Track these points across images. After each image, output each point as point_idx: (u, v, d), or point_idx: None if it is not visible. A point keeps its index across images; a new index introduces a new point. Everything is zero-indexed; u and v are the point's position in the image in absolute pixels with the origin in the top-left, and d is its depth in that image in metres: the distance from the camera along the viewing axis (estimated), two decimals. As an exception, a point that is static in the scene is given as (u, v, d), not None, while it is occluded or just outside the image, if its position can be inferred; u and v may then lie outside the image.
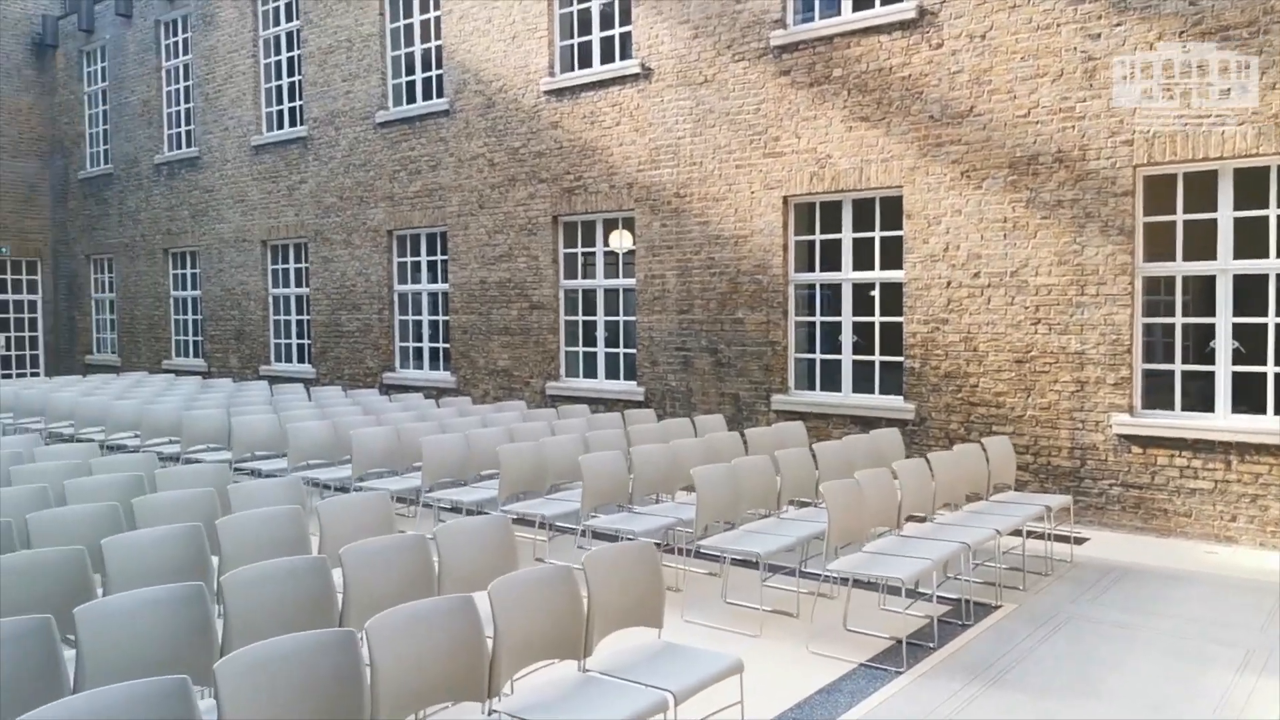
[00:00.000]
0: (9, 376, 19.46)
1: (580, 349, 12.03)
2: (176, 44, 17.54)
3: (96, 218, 19.26)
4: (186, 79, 17.35)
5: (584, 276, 11.98)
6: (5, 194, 19.62)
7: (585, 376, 11.97)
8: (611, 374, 11.73)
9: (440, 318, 13.56)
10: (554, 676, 3.75)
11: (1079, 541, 7.47)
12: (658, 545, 7.19)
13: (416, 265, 13.88)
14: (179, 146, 17.55)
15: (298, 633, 3.05)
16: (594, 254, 11.82)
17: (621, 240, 11.55)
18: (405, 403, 11.26)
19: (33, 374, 19.96)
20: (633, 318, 11.33)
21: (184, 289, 17.71)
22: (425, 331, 13.80)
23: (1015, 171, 8.43)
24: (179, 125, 17.62)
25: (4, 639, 2.99)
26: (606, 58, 11.46)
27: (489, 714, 3.36)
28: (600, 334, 11.81)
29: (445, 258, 13.27)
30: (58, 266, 20.32)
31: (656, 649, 3.98)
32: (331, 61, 14.43)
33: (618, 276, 11.66)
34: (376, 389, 13.43)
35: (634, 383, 11.30)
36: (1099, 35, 7.96)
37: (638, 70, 10.90)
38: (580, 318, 12.00)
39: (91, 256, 19.59)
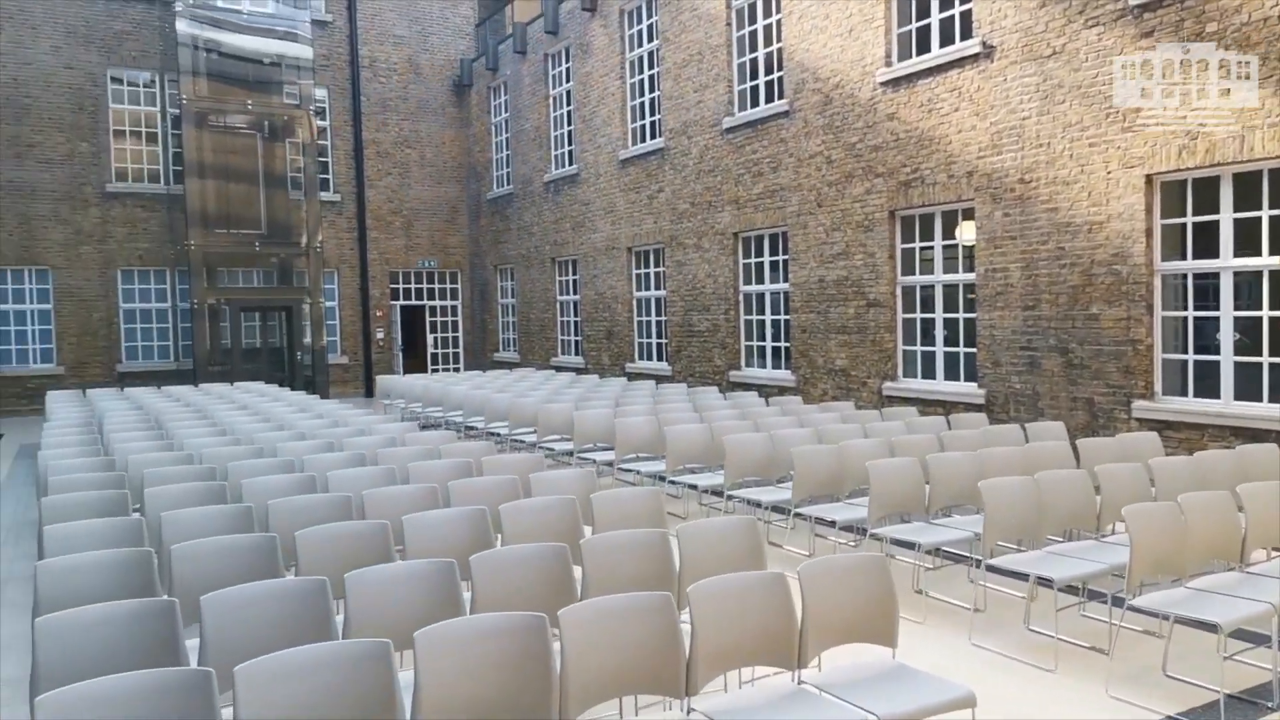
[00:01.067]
0: (436, 370, 22.98)
1: (918, 348, 11.53)
2: (560, 74, 19.51)
3: (500, 232, 22.03)
4: (568, 104, 19.23)
5: (921, 272, 11.45)
6: (432, 215, 23.16)
7: (923, 377, 11.44)
8: (951, 375, 11.09)
9: (781, 317, 13.71)
10: (765, 684, 3.72)
11: None
12: (950, 559, 6.81)
13: (760, 266, 14.16)
14: (563, 165, 19.50)
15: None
16: (932, 248, 11.26)
17: (962, 232, 10.87)
18: (781, 406, 10.91)
19: (454, 369, 23.37)
20: (973, 315, 10.63)
21: (567, 294, 19.66)
22: (768, 331, 14.04)
23: None
24: (563, 146, 19.58)
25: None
26: (945, 40, 10.86)
27: (687, 712, 3.44)
28: (939, 332, 11.23)
29: (786, 257, 13.39)
30: (473, 276, 23.54)
31: (883, 669, 3.78)
32: (685, 75, 15.19)
33: (957, 271, 10.99)
34: (717, 387, 13.91)
35: (974, 384, 10.60)
36: None
37: (978, 49, 10.20)
38: (918, 315, 11.50)
39: (497, 266, 22.45)
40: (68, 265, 19.31)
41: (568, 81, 19.13)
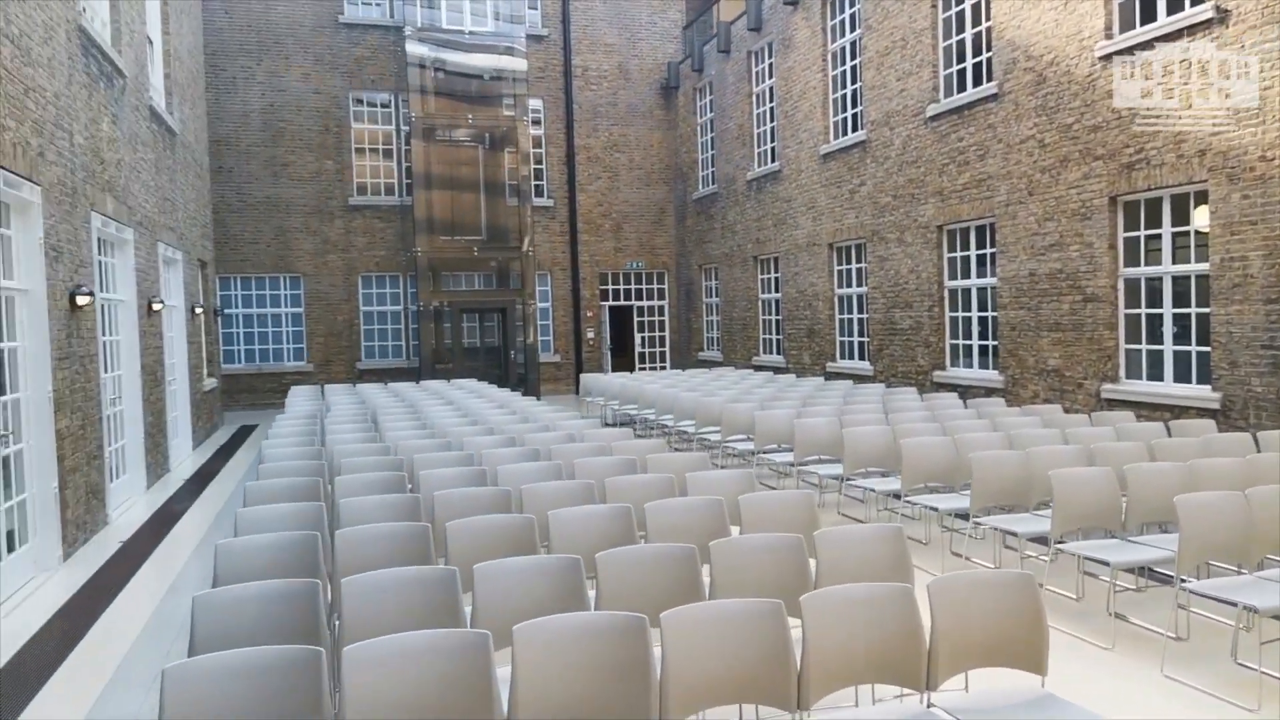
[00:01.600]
0: (644, 369, 23.45)
1: (1143, 347, 10.48)
2: (762, 70, 19.35)
3: (705, 232, 22.15)
4: (770, 101, 19.04)
5: (1147, 263, 10.39)
6: (640, 217, 23.66)
7: (1149, 379, 10.39)
8: (1181, 376, 10.00)
9: (989, 314, 12.90)
10: (889, 706, 3.51)
11: None
12: (1157, 580, 6.09)
13: (965, 260, 13.38)
14: (765, 163, 19.33)
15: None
16: (1159, 236, 10.19)
17: (1194, 218, 9.77)
18: (978, 408, 10.24)
19: (660, 368, 23.76)
20: (1207, 309, 9.52)
21: (768, 292, 19.48)
22: (974, 329, 13.25)
23: None
24: (765, 144, 19.41)
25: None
26: (1173, 7, 9.80)
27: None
28: (1167, 329, 10.15)
29: (993, 250, 12.58)
30: (679, 276, 23.83)
31: (1027, 697, 3.47)
32: (887, 63, 14.62)
33: (1189, 261, 9.88)
34: (917, 388, 13.29)
35: (1207, 387, 9.49)
36: None
37: (1211, 14, 9.12)
38: (1143, 310, 10.45)
39: (702, 266, 22.60)
40: (316, 272, 21.33)
41: (770, 78, 18.94)
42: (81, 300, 8.62)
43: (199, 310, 15.93)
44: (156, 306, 12.18)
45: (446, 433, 8.58)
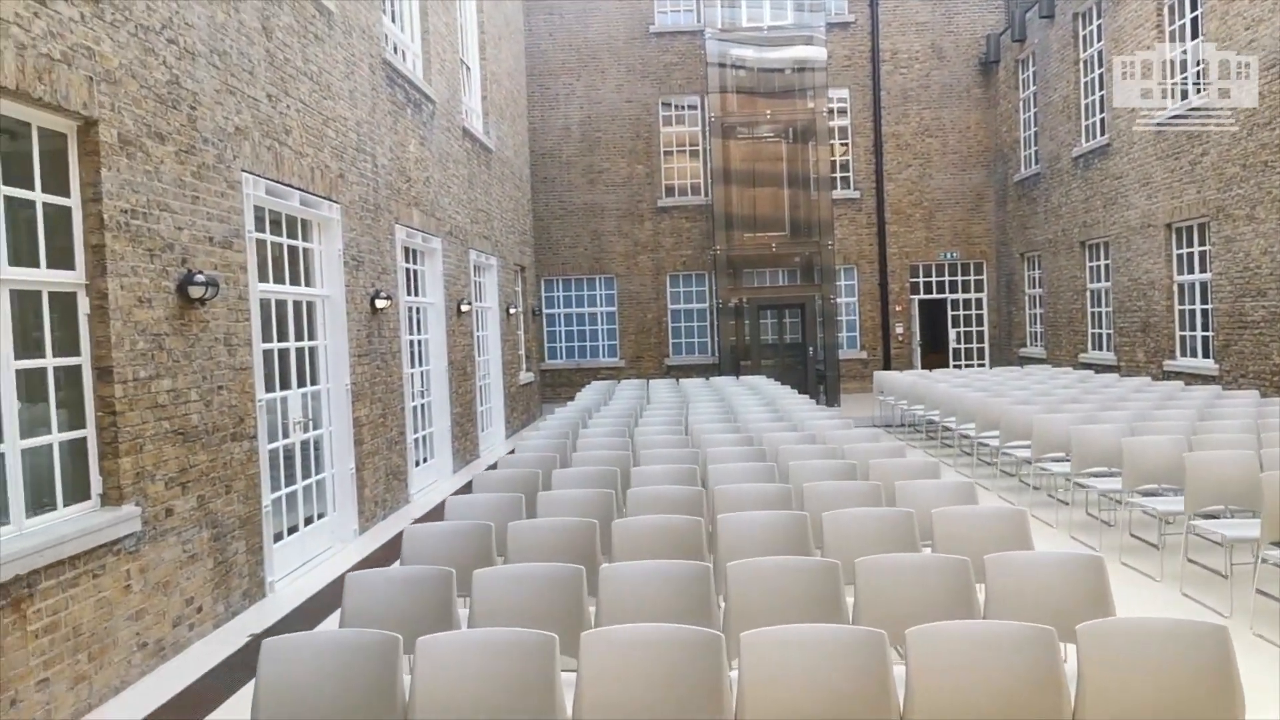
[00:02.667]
0: (959, 366, 21.98)
1: None
2: (1090, 33, 17.30)
3: (1027, 217, 20.27)
4: (1099, 67, 16.97)
5: None
6: (954, 204, 22.17)
7: None
8: None
9: (1368, 302, 10.51)
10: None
11: None
12: None
13: (1336, 237, 11.01)
14: (1093, 136, 17.27)
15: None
16: None
17: None
18: None
19: (979, 364, 22.13)
20: None
21: (1097, 281, 17.39)
22: (1348, 320, 10.87)
23: None
24: (1093, 115, 17.34)
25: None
26: None
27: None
28: None
29: (1373, 224, 10.23)
30: (999, 266, 22.03)
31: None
32: (1234, 9, 12.42)
33: None
34: (1257, 391, 11.14)
35: None
36: None
37: None
38: None
39: (1024, 255, 20.70)
40: (627, 273, 22.41)
41: (1098, 41, 16.87)
42: (380, 304, 9.74)
43: (513, 311, 17.37)
44: (465, 308, 13.46)
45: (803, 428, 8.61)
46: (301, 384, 8.29)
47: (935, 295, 22.47)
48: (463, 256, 13.79)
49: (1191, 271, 14.15)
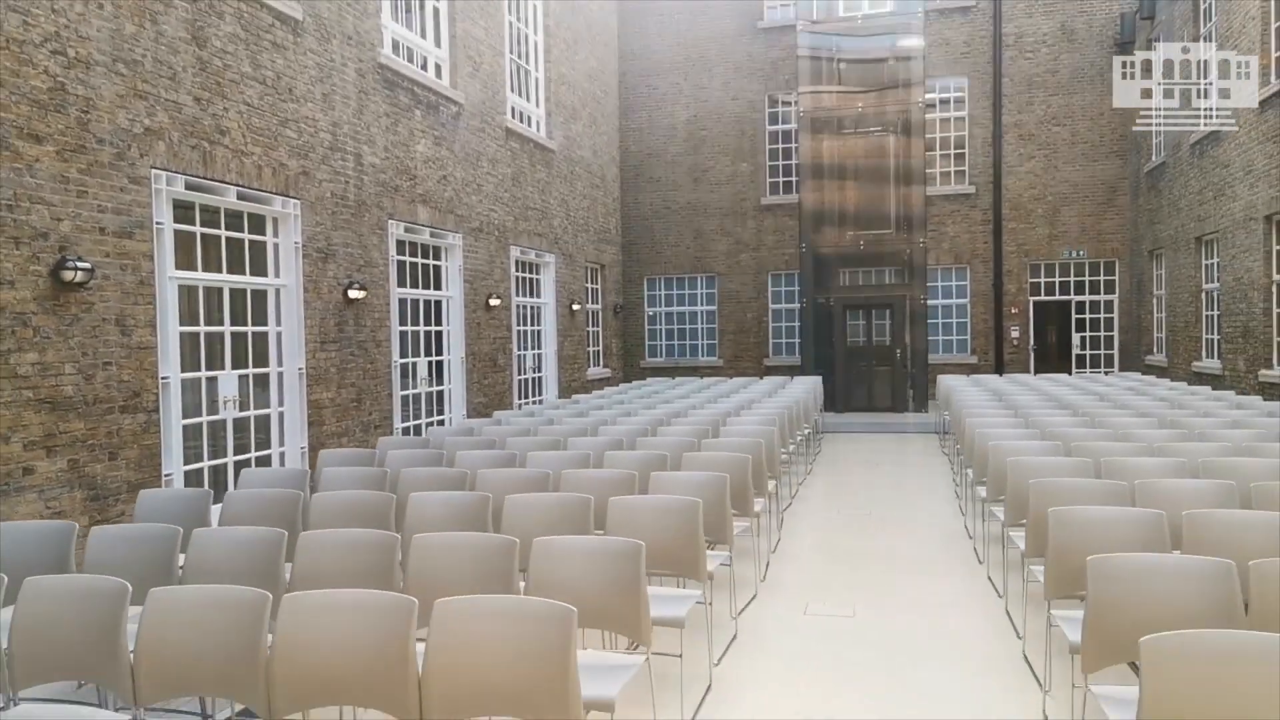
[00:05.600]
0: (1083, 372, 20.20)
1: None
2: (1209, 6, 15.48)
3: (1154, 211, 18.37)
4: (1216, 40, 15.15)
5: None
6: (1083, 198, 20.39)
7: None
8: None
9: None
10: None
11: None
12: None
13: None
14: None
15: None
16: None
17: None
18: None
19: (1106, 371, 20.24)
20: None
21: (1211, 281, 15.54)
22: None
23: None
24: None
25: None
26: None
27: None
28: None
29: None
30: (1132, 264, 20.06)
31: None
32: (1322, -34, 10.82)
33: None
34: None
35: None
36: None
37: None
38: None
39: (1151, 252, 18.77)
40: (729, 272, 22.28)
41: (1216, 15, 15.07)
42: (355, 294, 10.41)
43: (576, 307, 17.78)
44: (495, 302, 14.00)
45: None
46: (238, 365, 9.05)
47: (1058, 296, 20.76)
48: (498, 252, 14.35)
49: (1287, 269, 12.42)
